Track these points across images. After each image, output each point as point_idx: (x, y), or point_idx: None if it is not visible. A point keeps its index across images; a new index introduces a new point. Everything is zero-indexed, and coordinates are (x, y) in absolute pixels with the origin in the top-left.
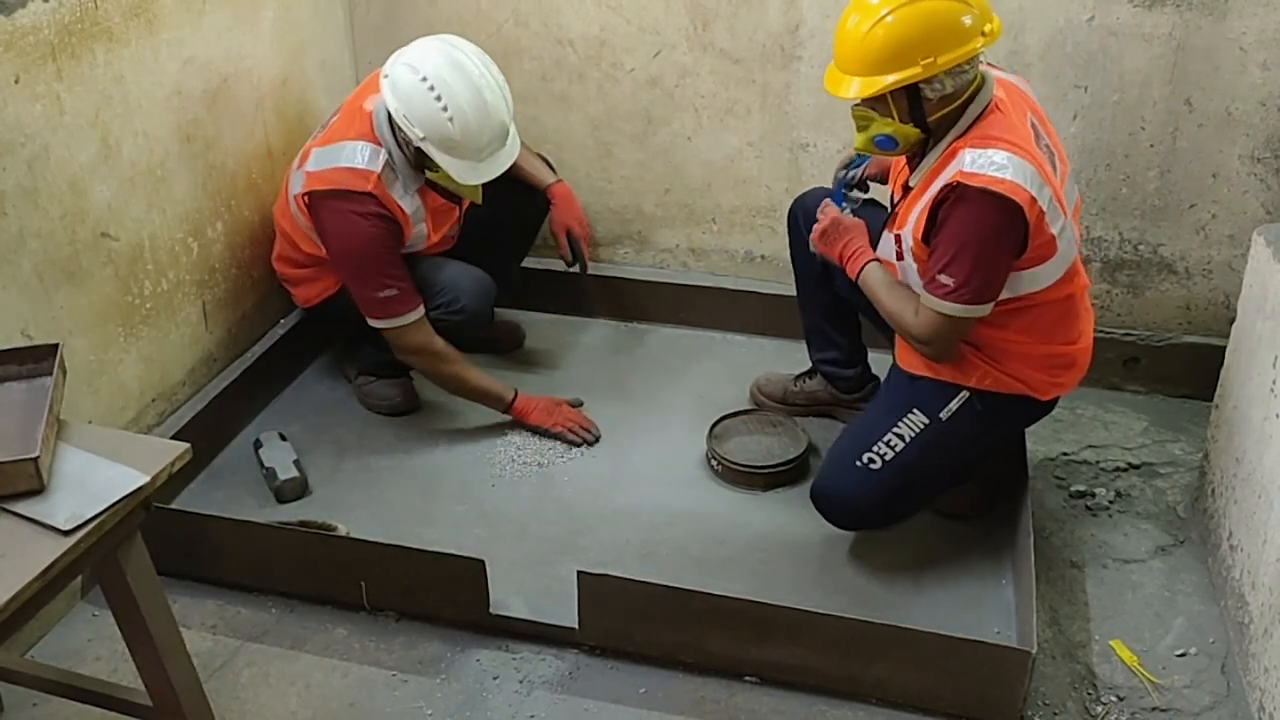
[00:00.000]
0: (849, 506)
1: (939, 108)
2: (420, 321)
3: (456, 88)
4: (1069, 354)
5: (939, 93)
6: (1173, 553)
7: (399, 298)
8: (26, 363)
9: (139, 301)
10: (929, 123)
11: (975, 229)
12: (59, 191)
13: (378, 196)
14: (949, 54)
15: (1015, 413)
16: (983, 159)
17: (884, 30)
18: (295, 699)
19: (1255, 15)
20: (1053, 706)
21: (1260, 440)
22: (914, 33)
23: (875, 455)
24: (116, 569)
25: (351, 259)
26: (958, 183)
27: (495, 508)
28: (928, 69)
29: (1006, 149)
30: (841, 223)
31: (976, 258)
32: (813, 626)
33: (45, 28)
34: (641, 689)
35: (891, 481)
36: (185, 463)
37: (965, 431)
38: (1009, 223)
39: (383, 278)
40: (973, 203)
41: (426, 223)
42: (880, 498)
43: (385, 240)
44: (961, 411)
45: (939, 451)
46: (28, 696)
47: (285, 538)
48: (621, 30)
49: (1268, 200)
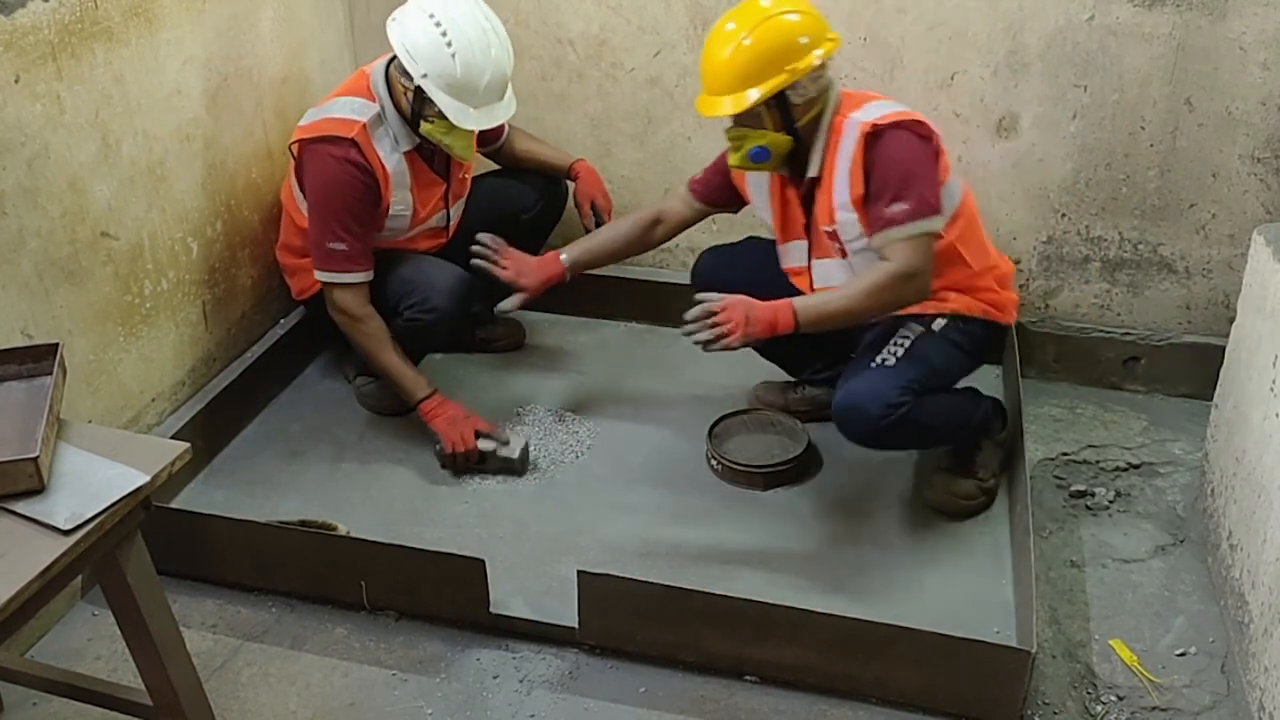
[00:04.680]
0: (877, 397)
1: (805, 111)
2: (357, 287)
3: (463, 25)
4: (1001, 270)
5: (804, 96)
6: (1172, 552)
7: (347, 254)
8: (26, 362)
9: (139, 301)
10: (799, 128)
11: (903, 155)
12: (59, 191)
13: (359, 145)
14: (807, 59)
15: (985, 335)
16: (873, 109)
17: (749, 48)
18: (295, 698)
19: (1255, 15)
20: (1053, 706)
21: (1260, 440)
22: (775, 45)
23: (888, 355)
24: (116, 569)
25: (316, 200)
26: (871, 129)
27: (495, 508)
28: (792, 74)
29: (881, 99)
30: (731, 304)
31: (914, 177)
32: (813, 626)
33: (45, 27)
34: (641, 688)
35: (907, 372)
36: (185, 463)
37: (954, 340)
38: (925, 143)
39: (339, 228)
40: (891, 138)
41: (411, 194)
42: (900, 388)
43: (356, 190)
44: (948, 327)
45: (939, 350)
46: (28, 696)
47: (285, 538)
48: (621, 30)
49: (1268, 200)
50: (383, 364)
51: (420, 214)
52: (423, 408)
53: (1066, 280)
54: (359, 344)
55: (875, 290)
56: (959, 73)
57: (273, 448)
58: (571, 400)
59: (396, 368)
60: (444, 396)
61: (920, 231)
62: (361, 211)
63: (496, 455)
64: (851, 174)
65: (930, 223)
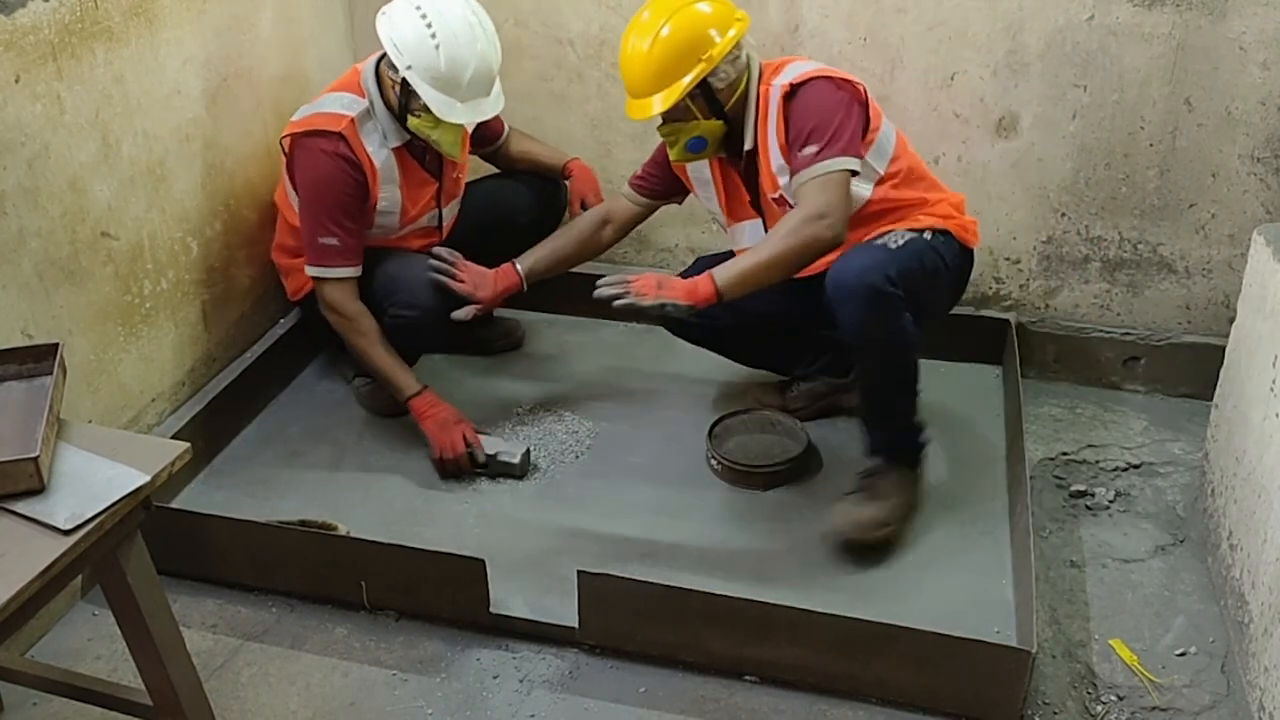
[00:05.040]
0: (877, 267)
1: (731, 93)
2: (346, 282)
3: (448, 18)
4: (956, 199)
5: (726, 80)
6: (1172, 552)
7: (337, 249)
8: (26, 362)
9: (139, 301)
10: (727, 112)
11: (815, 103)
12: (59, 191)
13: (347, 139)
14: (721, 44)
15: (963, 256)
16: (792, 70)
17: (662, 45)
18: (295, 698)
19: (1255, 15)
20: (1053, 706)
21: (1260, 439)
22: (687, 37)
23: (889, 241)
24: (116, 568)
25: (307, 196)
26: (789, 87)
27: (495, 508)
28: (709, 62)
29: (801, 60)
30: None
31: (824, 121)
32: (813, 626)
33: (45, 27)
34: (641, 688)
35: (904, 258)
36: (185, 463)
37: (939, 251)
38: (839, 89)
39: (329, 222)
40: (805, 90)
41: (400, 190)
42: (896, 268)
43: (344, 185)
44: (932, 238)
45: (929, 251)
46: (27, 696)
47: (285, 538)
48: (621, 30)
49: (1268, 200)
50: (373, 362)
51: (410, 212)
52: (412, 405)
53: (1066, 280)
54: (350, 342)
55: (786, 235)
56: (959, 73)
57: (272, 448)
58: (571, 400)
59: (387, 365)
60: (436, 396)
61: (828, 170)
62: (351, 205)
63: (498, 460)
64: (778, 134)
65: (839, 162)
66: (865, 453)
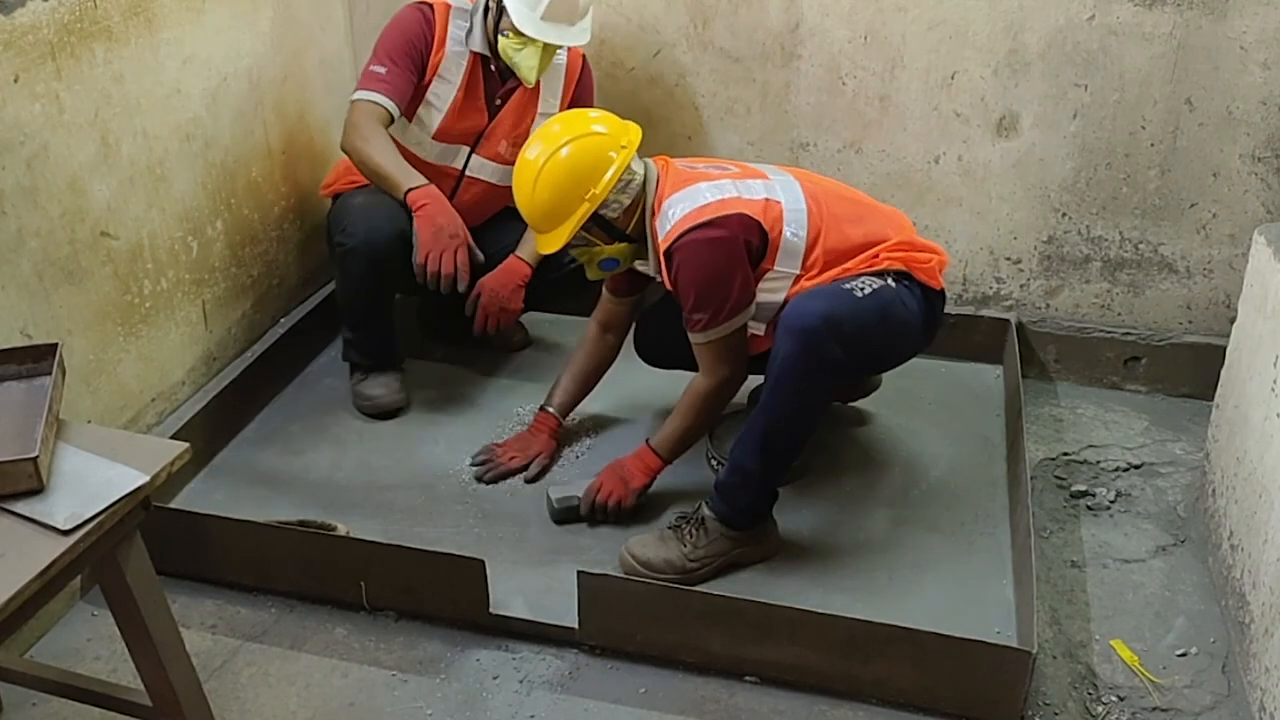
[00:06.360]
0: (835, 309)
1: (629, 218)
2: (378, 108)
3: None
4: (904, 237)
5: (620, 208)
6: (1173, 552)
7: (383, 77)
8: (26, 362)
9: (138, 301)
10: (629, 234)
11: (692, 272)
12: (58, 190)
13: (436, 9)
14: (603, 181)
15: (928, 298)
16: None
17: (544, 187)
18: (295, 699)
19: (1255, 15)
20: (1053, 706)
21: (1261, 440)
22: (569, 177)
23: (857, 288)
24: (116, 569)
25: (380, 37)
26: (665, 251)
27: (495, 508)
28: (593, 201)
29: (673, 194)
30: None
31: (707, 290)
32: (813, 626)
33: (45, 27)
34: (641, 689)
35: (870, 307)
36: (185, 463)
37: (904, 294)
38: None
39: (385, 55)
40: (680, 257)
41: (456, 94)
42: (859, 316)
43: (414, 28)
44: (898, 284)
45: (896, 301)
46: (27, 696)
47: (285, 538)
48: (621, 29)
49: (1268, 199)
50: (375, 165)
51: (449, 125)
52: (410, 196)
53: (1067, 280)
54: (359, 156)
55: (695, 407)
56: (959, 72)
57: (273, 448)
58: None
59: (388, 163)
60: (439, 194)
61: (720, 334)
62: (411, 50)
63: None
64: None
65: (728, 325)
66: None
